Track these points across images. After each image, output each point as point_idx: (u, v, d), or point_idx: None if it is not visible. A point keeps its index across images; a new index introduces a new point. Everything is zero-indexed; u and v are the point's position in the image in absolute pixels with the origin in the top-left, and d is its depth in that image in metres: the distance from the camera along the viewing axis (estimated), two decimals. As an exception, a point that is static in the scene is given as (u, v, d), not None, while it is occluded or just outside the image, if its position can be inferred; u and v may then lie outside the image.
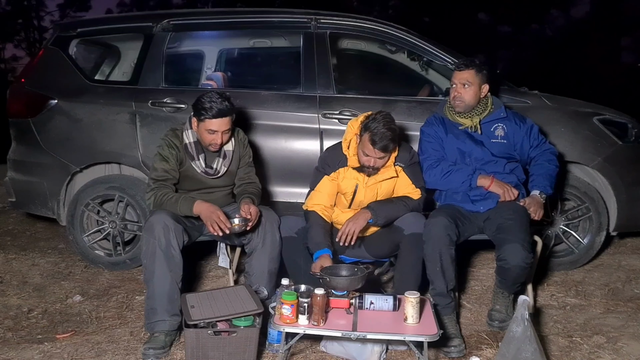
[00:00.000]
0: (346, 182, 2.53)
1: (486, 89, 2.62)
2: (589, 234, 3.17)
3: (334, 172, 2.53)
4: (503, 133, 2.64)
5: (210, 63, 3.88)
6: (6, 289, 2.96)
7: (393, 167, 2.48)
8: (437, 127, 2.69)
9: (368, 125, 2.37)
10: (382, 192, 2.52)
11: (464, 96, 2.58)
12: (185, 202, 2.37)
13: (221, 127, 2.41)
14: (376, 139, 2.33)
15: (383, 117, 2.37)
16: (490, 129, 2.64)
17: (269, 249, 2.45)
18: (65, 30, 3.42)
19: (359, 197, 2.53)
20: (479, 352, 2.25)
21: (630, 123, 3.21)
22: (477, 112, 2.62)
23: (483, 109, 2.63)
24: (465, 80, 2.57)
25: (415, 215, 2.48)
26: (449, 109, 2.69)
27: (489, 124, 2.64)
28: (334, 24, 3.23)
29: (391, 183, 2.53)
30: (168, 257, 2.27)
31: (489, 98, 2.66)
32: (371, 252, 2.61)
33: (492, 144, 2.62)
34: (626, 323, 2.51)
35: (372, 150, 2.36)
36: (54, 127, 3.22)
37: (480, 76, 2.58)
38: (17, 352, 2.26)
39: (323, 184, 2.55)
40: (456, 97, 2.60)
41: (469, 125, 2.62)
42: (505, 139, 2.63)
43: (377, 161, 2.41)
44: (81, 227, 3.23)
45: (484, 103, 2.64)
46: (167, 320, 2.25)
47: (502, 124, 2.65)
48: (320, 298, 1.97)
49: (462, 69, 2.59)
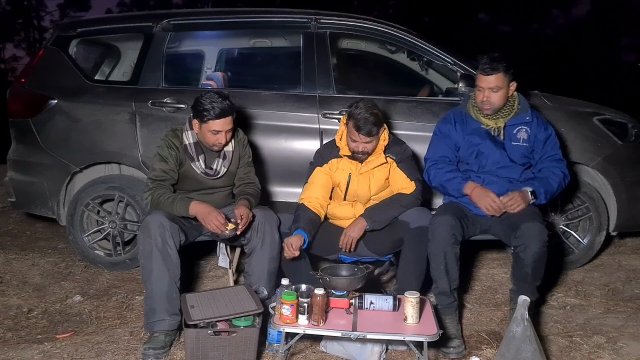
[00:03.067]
0: (339, 173, 2.57)
1: (514, 86, 2.50)
2: (589, 234, 3.17)
3: (326, 163, 2.58)
4: (526, 136, 2.52)
5: (210, 63, 3.88)
6: (6, 289, 2.96)
7: (383, 155, 2.52)
8: (453, 126, 2.59)
9: (351, 112, 2.45)
10: (376, 180, 2.55)
11: (493, 100, 2.46)
12: (181, 202, 2.37)
13: (224, 127, 2.41)
14: (360, 125, 2.40)
15: (365, 104, 2.46)
16: (513, 131, 2.53)
17: (268, 249, 2.45)
18: (65, 30, 3.42)
19: (352, 187, 2.56)
20: (479, 352, 2.25)
21: (630, 123, 3.21)
22: (503, 114, 2.50)
23: (509, 110, 2.51)
24: (494, 85, 2.43)
25: (420, 210, 2.52)
26: (473, 107, 2.57)
27: (512, 127, 2.53)
28: (334, 24, 3.23)
29: (384, 171, 2.55)
30: (165, 256, 2.27)
31: (515, 98, 2.54)
32: (372, 249, 2.61)
33: (512, 147, 2.52)
34: (626, 323, 2.51)
35: (358, 135, 2.43)
36: (54, 127, 3.22)
37: (509, 76, 2.45)
38: (17, 352, 2.26)
39: (315, 175, 2.59)
40: (484, 102, 2.47)
41: (492, 127, 2.52)
42: (527, 142, 2.52)
43: (365, 146, 2.46)
44: (81, 227, 3.23)
45: (511, 104, 2.52)
46: (166, 319, 2.25)
47: (526, 127, 2.53)
48: (320, 298, 1.97)
49: (489, 73, 2.43)
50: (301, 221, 2.46)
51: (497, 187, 2.51)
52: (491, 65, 2.42)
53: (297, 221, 2.47)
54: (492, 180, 2.53)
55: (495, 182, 2.52)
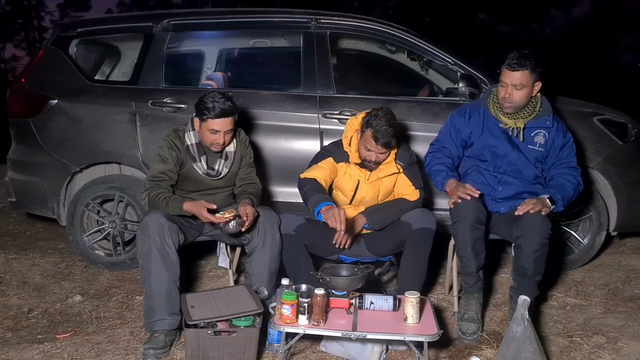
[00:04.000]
0: (347, 179, 2.53)
1: (539, 86, 2.40)
2: (589, 234, 3.18)
3: (338, 163, 2.53)
4: (543, 140, 2.46)
5: (210, 63, 3.88)
6: (6, 289, 2.96)
7: (394, 163, 2.50)
8: (467, 121, 2.52)
9: (370, 122, 2.40)
10: (384, 189, 2.54)
11: (515, 98, 2.36)
12: (175, 202, 2.37)
13: (224, 127, 2.41)
14: (379, 136, 2.36)
15: (385, 114, 2.40)
16: (530, 134, 2.46)
17: (269, 249, 2.45)
18: (66, 30, 3.42)
19: (360, 194, 2.54)
20: (479, 352, 2.24)
21: (630, 123, 3.21)
22: (523, 114, 2.42)
23: (531, 111, 2.42)
24: (519, 82, 2.32)
25: (423, 211, 2.50)
26: (494, 103, 2.48)
27: (531, 129, 2.46)
28: (334, 24, 3.23)
29: (392, 180, 2.54)
30: (164, 256, 2.27)
31: (539, 99, 2.45)
32: (373, 250, 2.60)
33: (528, 149, 2.47)
34: (626, 323, 2.51)
35: (375, 146, 2.40)
36: (54, 127, 3.22)
37: (535, 75, 2.35)
38: (17, 352, 2.26)
39: (328, 162, 2.52)
40: (506, 99, 2.38)
41: (511, 126, 2.44)
42: (543, 147, 2.46)
43: (379, 156, 2.44)
44: (81, 227, 3.23)
45: (533, 105, 2.43)
46: (166, 319, 2.25)
47: (545, 131, 2.46)
48: (320, 298, 1.97)
49: (515, 69, 2.32)
50: (319, 194, 2.34)
51: (513, 188, 2.51)
52: (519, 61, 2.32)
53: (316, 192, 2.33)
54: (508, 181, 2.52)
55: (511, 183, 2.51)
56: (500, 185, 2.53)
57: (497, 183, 2.54)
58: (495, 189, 2.54)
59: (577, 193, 2.47)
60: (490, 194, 2.55)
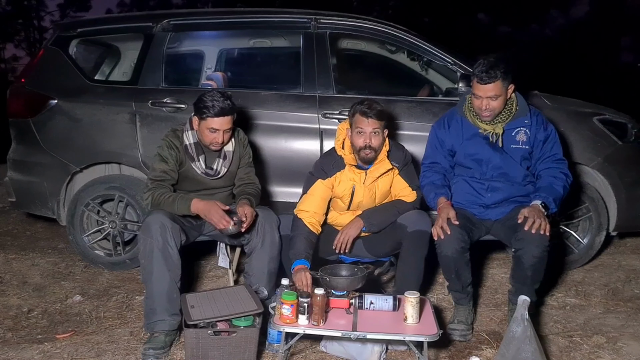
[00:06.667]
0: (342, 185, 2.51)
1: (512, 89, 2.41)
2: (588, 234, 3.18)
3: (329, 177, 2.50)
4: (525, 138, 2.45)
5: (210, 63, 3.88)
6: (6, 289, 2.96)
7: (387, 161, 2.47)
8: (447, 131, 2.54)
9: (355, 107, 2.45)
10: (381, 191, 2.52)
11: (492, 106, 2.37)
12: (182, 201, 2.37)
13: (222, 126, 2.41)
14: (367, 110, 2.39)
15: (366, 99, 2.50)
16: (512, 134, 2.46)
17: (268, 249, 2.45)
18: (66, 30, 3.42)
19: (357, 198, 2.52)
20: (479, 352, 2.25)
21: (630, 123, 3.21)
22: (501, 118, 2.42)
23: (508, 114, 2.43)
24: (492, 93, 2.33)
25: (418, 213, 2.50)
26: (470, 110, 2.49)
27: (511, 130, 2.46)
28: (334, 24, 3.22)
29: (388, 179, 2.52)
30: (165, 256, 2.27)
31: (513, 99, 2.45)
32: (372, 252, 2.62)
33: (512, 150, 2.46)
34: (626, 323, 2.51)
35: (367, 122, 2.38)
36: (54, 127, 3.22)
37: (507, 81, 2.35)
38: (17, 352, 2.26)
39: (316, 187, 2.51)
40: (483, 110, 2.38)
41: (490, 131, 2.44)
42: (526, 144, 2.46)
43: (372, 137, 2.40)
44: (81, 227, 3.23)
45: (509, 107, 2.43)
46: (166, 319, 2.25)
47: (525, 129, 2.45)
48: (320, 298, 1.97)
49: (486, 82, 2.31)
50: (303, 247, 2.39)
51: (502, 194, 2.50)
52: (488, 74, 2.31)
53: (299, 246, 2.39)
54: (496, 187, 2.50)
55: (500, 189, 2.50)
56: (488, 192, 2.51)
57: (484, 190, 2.51)
58: (484, 196, 2.52)
59: (568, 187, 2.45)
60: (478, 202, 2.53)
